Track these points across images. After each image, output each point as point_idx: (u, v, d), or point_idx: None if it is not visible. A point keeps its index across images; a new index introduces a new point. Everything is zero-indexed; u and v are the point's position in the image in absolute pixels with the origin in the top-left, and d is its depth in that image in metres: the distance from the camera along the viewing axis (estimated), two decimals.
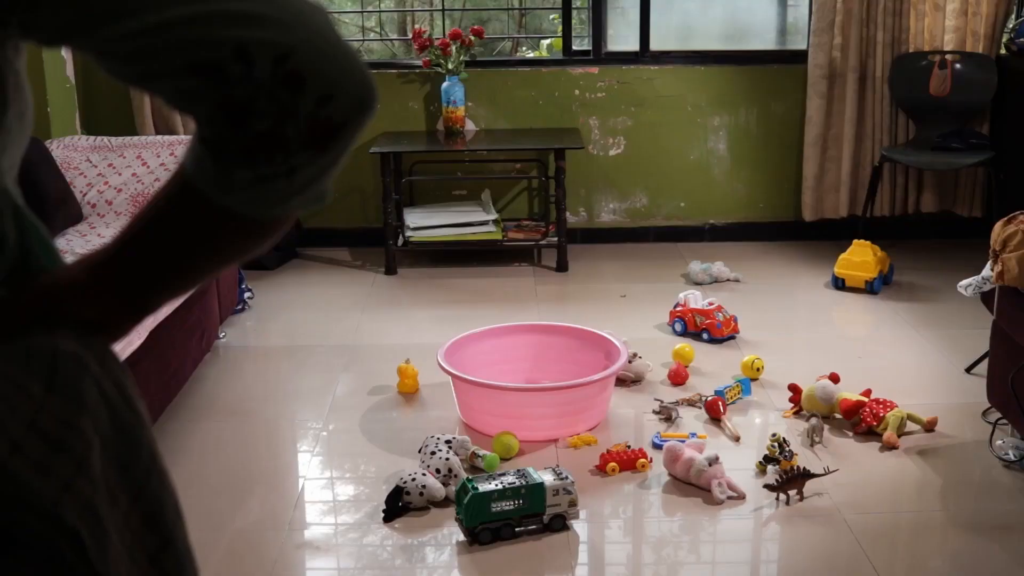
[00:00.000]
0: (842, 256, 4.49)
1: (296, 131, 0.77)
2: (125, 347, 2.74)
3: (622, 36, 5.26)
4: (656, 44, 5.14)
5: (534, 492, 2.58)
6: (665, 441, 2.99)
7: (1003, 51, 4.95)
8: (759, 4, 5.51)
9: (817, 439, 3.06)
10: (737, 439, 3.10)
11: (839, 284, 4.48)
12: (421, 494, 2.71)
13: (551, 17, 6.29)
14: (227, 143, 0.77)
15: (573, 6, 5.13)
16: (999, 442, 3.02)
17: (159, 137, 4.12)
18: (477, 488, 2.56)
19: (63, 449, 0.81)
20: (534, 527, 2.61)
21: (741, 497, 2.77)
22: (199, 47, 0.74)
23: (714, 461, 2.78)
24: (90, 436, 0.84)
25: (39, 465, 0.80)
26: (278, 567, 2.52)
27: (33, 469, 0.79)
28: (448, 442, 2.92)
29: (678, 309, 4.00)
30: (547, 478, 2.62)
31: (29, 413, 0.80)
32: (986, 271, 3.13)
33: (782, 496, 2.73)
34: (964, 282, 3.29)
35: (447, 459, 2.82)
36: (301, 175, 0.79)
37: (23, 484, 0.78)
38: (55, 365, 0.83)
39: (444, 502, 2.73)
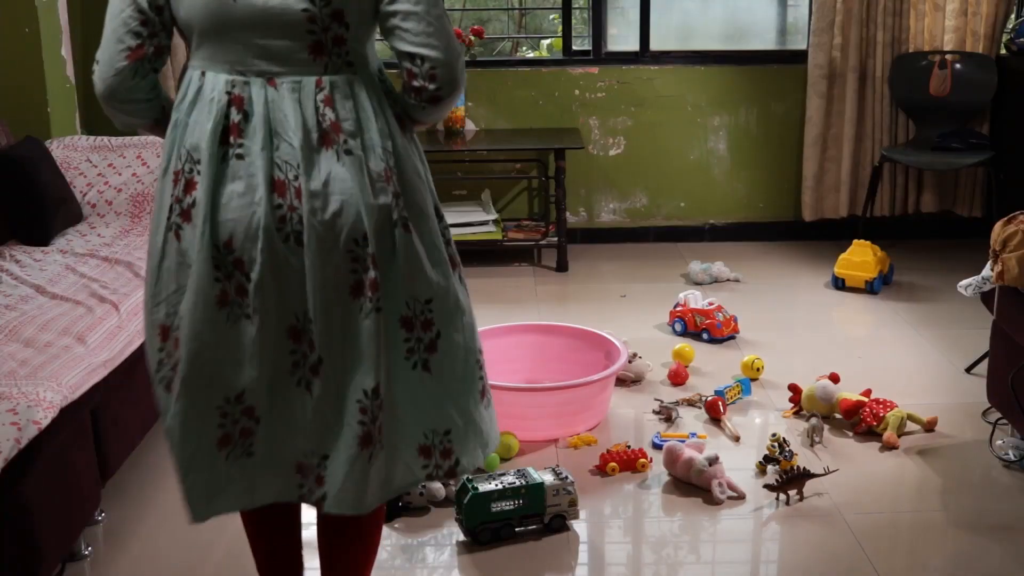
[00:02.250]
0: (842, 256, 4.49)
1: (426, 95, 1.77)
2: (126, 347, 2.74)
3: (622, 36, 5.26)
4: (656, 44, 5.14)
5: (534, 492, 2.59)
6: (665, 441, 2.99)
7: (1003, 51, 4.95)
8: (759, 4, 5.51)
9: (817, 439, 3.06)
10: (737, 439, 3.10)
11: (839, 284, 4.48)
12: (421, 494, 2.71)
13: (551, 17, 6.29)
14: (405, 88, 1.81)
15: (573, 6, 5.13)
16: (999, 442, 3.02)
17: (159, 137, 4.11)
18: (477, 488, 2.56)
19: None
20: (534, 527, 2.61)
21: (741, 497, 2.77)
22: (410, 47, 1.76)
23: (714, 461, 2.78)
24: None
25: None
26: None
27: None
28: None
29: (678, 309, 4.00)
30: (547, 478, 2.62)
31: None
32: (986, 271, 3.13)
33: (782, 496, 2.73)
34: (964, 282, 3.29)
35: None
36: (430, 110, 1.82)
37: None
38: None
39: (444, 502, 2.73)
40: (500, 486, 2.57)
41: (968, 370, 3.58)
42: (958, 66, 4.84)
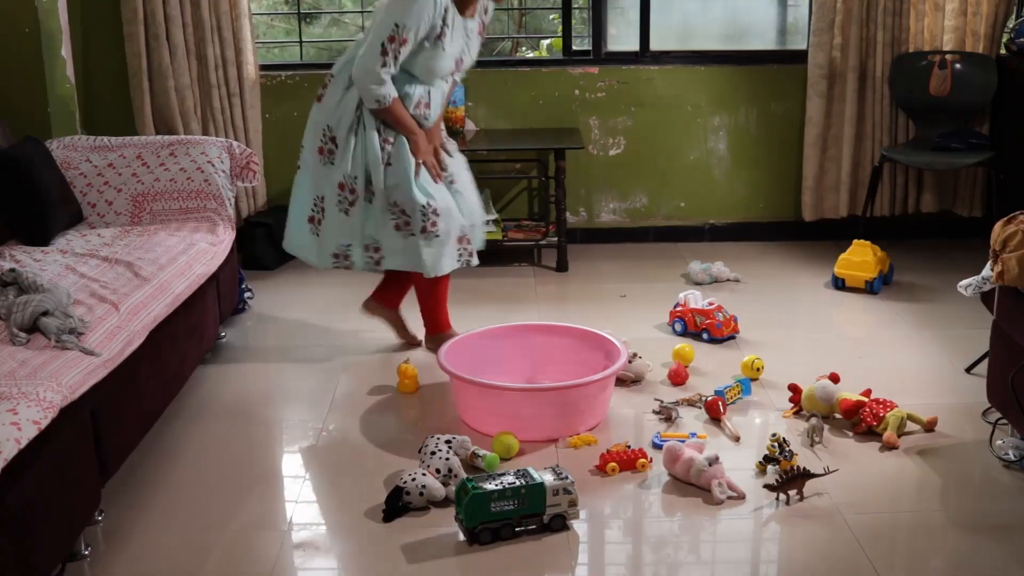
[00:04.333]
0: (842, 256, 4.49)
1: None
2: (126, 347, 2.74)
3: (622, 36, 5.26)
4: (656, 44, 5.14)
5: (534, 492, 2.58)
6: (665, 441, 2.99)
7: (1003, 51, 4.95)
8: (759, 4, 5.51)
9: (817, 439, 3.06)
10: (737, 439, 3.10)
11: (839, 284, 4.48)
12: (421, 494, 2.71)
13: (551, 17, 6.30)
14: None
15: (573, 6, 5.13)
16: (999, 442, 3.02)
17: (159, 137, 4.11)
18: (477, 488, 2.56)
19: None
20: (534, 527, 2.61)
21: (741, 497, 2.77)
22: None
23: (714, 461, 2.78)
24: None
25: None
26: (277, 567, 2.53)
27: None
28: (448, 442, 2.92)
29: (678, 309, 4.00)
30: (547, 478, 2.62)
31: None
32: (986, 271, 3.13)
33: (782, 496, 2.73)
34: (964, 282, 3.29)
35: (447, 459, 2.82)
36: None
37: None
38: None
39: (444, 502, 2.73)
40: (500, 486, 2.57)
41: (968, 370, 3.58)
42: (958, 66, 4.84)
